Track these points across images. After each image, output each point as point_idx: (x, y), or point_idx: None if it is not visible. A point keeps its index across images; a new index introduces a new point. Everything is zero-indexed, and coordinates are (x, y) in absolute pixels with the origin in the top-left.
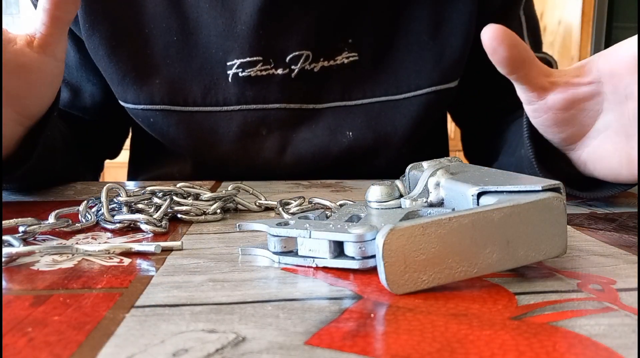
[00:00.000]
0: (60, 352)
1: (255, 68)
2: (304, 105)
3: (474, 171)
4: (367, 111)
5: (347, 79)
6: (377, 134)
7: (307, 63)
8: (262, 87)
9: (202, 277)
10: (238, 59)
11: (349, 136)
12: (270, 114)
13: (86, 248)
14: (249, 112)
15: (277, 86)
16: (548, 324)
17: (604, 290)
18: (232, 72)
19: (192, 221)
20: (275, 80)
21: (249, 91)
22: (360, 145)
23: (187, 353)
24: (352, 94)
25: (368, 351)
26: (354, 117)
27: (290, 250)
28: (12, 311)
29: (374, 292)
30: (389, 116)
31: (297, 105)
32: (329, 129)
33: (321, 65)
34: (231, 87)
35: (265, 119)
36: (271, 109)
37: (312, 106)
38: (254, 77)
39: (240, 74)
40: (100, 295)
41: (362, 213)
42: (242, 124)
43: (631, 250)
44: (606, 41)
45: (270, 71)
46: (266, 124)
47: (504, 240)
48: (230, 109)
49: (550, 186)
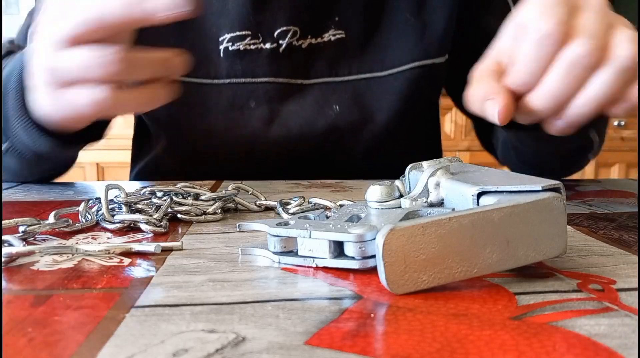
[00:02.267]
0: (60, 352)
1: (244, 42)
2: (292, 80)
3: (474, 171)
4: (354, 87)
5: (333, 56)
6: (362, 109)
7: (295, 39)
8: (250, 61)
9: (202, 277)
10: (228, 34)
11: (336, 110)
12: (259, 88)
13: (86, 248)
14: (238, 85)
15: (266, 60)
16: (548, 324)
17: (604, 290)
18: (223, 46)
19: (192, 221)
20: (264, 54)
21: (238, 64)
22: (347, 119)
23: (187, 353)
24: (339, 71)
25: (368, 351)
26: (341, 92)
27: (290, 250)
28: (12, 311)
29: (374, 292)
30: (374, 92)
31: (285, 80)
32: (316, 104)
33: (309, 42)
34: (222, 61)
35: (254, 92)
36: (259, 83)
37: (299, 82)
38: (243, 50)
39: (230, 47)
40: (100, 295)
41: (362, 213)
42: (231, 96)
43: (631, 250)
44: None
45: (259, 45)
46: (254, 97)
47: (504, 240)
48: (220, 82)
49: (550, 186)
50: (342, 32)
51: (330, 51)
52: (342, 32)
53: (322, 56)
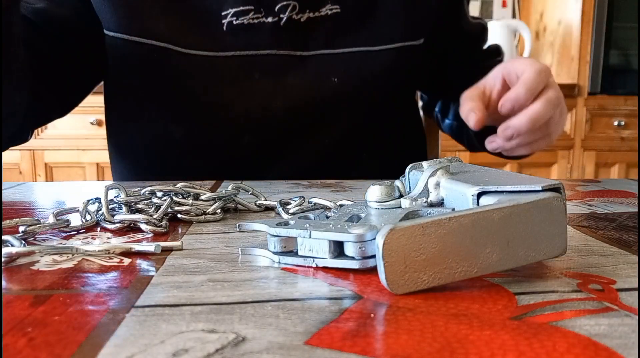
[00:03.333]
0: (60, 352)
1: (248, 16)
2: (292, 52)
3: (474, 171)
4: (349, 59)
5: (330, 30)
6: (358, 80)
7: (295, 13)
8: (254, 35)
9: (202, 277)
10: (232, 8)
11: (334, 81)
12: (262, 59)
13: (86, 248)
14: (242, 57)
15: (268, 33)
16: (548, 324)
17: (604, 290)
18: (226, 21)
19: (192, 221)
20: (266, 27)
21: (242, 37)
22: (345, 90)
23: (187, 353)
24: (335, 43)
25: (368, 351)
26: (338, 64)
27: (290, 250)
28: (12, 311)
29: (374, 292)
30: (368, 64)
31: (285, 51)
32: (316, 75)
33: (307, 16)
34: (226, 35)
35: (258, 64)
36: (262, 55)
37: (299, 53)
38: (247, 24)
39: (234, 22)
40: (100, 295)
41: (362, 213)
42: (236, 68)
43: (631, 249)
44: (606, 41)
45: (261, 19)
46: (258, 68)
47: (504, 240)
48: (225, 54)
49: (550, 186)
50: (338, 7)
51: (327, 24)
52: (338, 7)
53: (320, 29)
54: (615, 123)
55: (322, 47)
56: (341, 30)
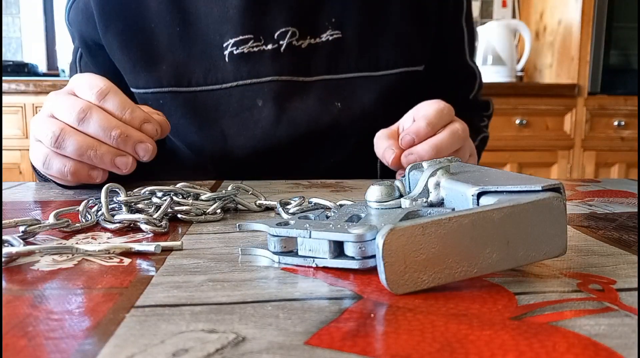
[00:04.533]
0: (60, 352)
1: (247, 45)
2: (294, 77)
3: (474, 171)
4: (352, 83)
5: (332, 55)
6: (361, 104)
7: (295, 39)
8: (255, 63)
9: (202, 277)
10: (232, 39)
11: (338, 106)
12: (264, 87)
13: (86, 248)
14: (245, 87)
15: (269, 60)
16: (548, 324)
17: (604, 290)
18: (227, 52)
19: (192, 221)
20: (266, 55)
21: (243, 66)
22: (347, 114)
23: (187, 353)
24: (338, 69)
25: (368, 351)
26: (341, 89)
27: (290, 250)
28: (12, 311)
29: (374, 292)
30: (371, 88)
31: (288, 77)
32: (319, 100)
33: (308, 42)
34: (228, 66)
35: (260, 91)
36: (264, 82)
37: (302, 79)
38: (247, 53)
39: (234, 52)
40: (100, 295)
41: (362, 213)
42: (240, 98)
43: (631, 249)
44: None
45: (261, 47)
46: (261, 96)
47: (504, 240)
48: (228, 85)
49: (550, 186)
50: (339, 32)
51: (328, 50)
52: (339, 32)
53: (321, 55)
54: (615, 123)
55: (324, 73)
56: (343, 55)
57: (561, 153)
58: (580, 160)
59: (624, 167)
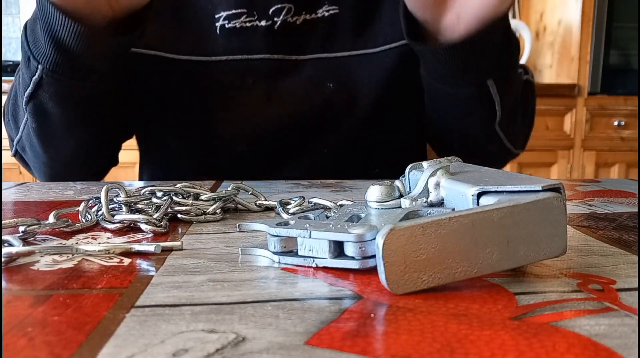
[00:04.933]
0: (60, 352)
1: (240, 19)
2: (287, 56)
3: (474, 171)
4: (347, 63)
5: (327, 32)
6: (355, 85)
7: (290, 15)
8: (247, 39)
9: (202, 277)
10: (224, 12)
11: (330, 87)
12: (255, 64)
13: (86, 248)
14: (235, 62)
15: (261, 37)
16: (548, 324)
17: (604, 290)
18: (219, 24)
19: (192, 221)
20: (259, 31)
21: (234, 41)
22: (341, 96)
23: (187, 353)
24: (333, 47)
25: (368, 351)
26: (335, 69)
27: (290, 250)
28: (12, 311)
29: (374, 292)
30: (367, 68)
31: (280, 56)
32: (310, 80)
33: (303, 18)
34: (218, 39)
35: (251, 69)
36: (256, 60)
37: (294, 57)
38: (239, 28)
39: (226, 25)
40: (100, 295)
41: (362, 213)
42: (229, 74)
43: (631, 249)
44: (606, 41)
45: (254, 23)
46: (251, 74)
47: (504, 240)
48: (217, 59)
49: (550, 186)
50: (336, 8)
51: (324, 26)
52: (336, 8)
53: (316, 32)
54: (615, 123)
55: (318, 51)
56: (339, 32)
57: (561, 153)
58: (580, 160)
59: (624, 167)
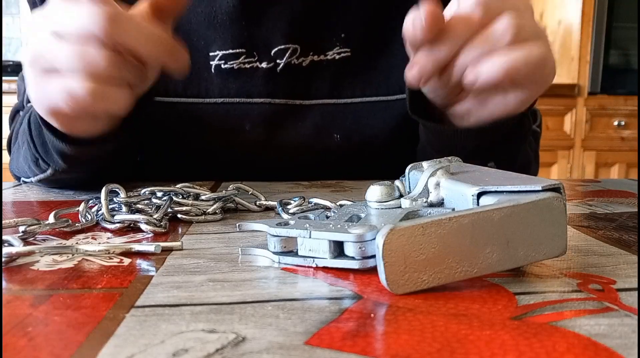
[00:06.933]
0: (60, 352)
1: (238, 60)
2: (290, 101)
3: (474, 171)
4: (357, 110)
5: (337, 76)
6: (364, 135)
7: (295, 57)
8: (245, 81)
9: (202, 277)
10: (220, 51)
11: (337, 139)
12: (254, 109)
13: (86, 248)
14: (232, 105)
15: (262, 80)
16: (548, 324)
17: (604, 290)
18: (214, 63)
19: (192, 221)
20: (260, 73)
21: (232, 83)
22: (347, 147)
23: (187, 353)
24: (342, 92)
25: (368, 351)
26: (343, 117)
27: (290, 250)
28: (12, 311)
29: (374, 292)
30: (378, 116)
31: (282, 100)
32: (315, 128)
33: (311, 59)
34: (214, 79)
35: (249, 113)
36: (255, 104)
37: (298, 102)
38: (237, 69)
39: (222, 66)
40: (100, 295)
41: (362, 213)
42: (225, 117)
43: (631, 250)
44: (606, 41)
45: (254, 64)
46: (249, 119)
47: (504, 240)
48: (213, 101)
49: (550, 186)
50: (348, 50)
51: (334, 70)
52: (348, 50)
53: (325, 75)
54: (615, 123)
55: (325, 97)
56: (350, 77)
57: (561, 152)
58: (580, 160)
59: (624, 167)
